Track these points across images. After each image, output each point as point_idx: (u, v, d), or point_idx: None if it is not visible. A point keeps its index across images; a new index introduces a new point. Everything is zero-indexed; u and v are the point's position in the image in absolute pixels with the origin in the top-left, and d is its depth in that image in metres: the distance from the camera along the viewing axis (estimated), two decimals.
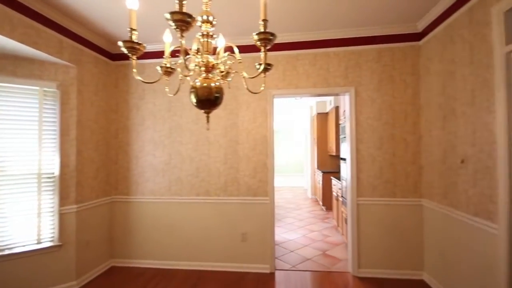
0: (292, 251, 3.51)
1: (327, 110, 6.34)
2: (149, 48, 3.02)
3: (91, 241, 2.81)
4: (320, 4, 2.30)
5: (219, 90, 1.13)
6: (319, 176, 6.14)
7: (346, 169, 3.09)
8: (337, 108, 5.30)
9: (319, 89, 2.87)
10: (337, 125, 5.09)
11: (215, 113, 2.98)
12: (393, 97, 2.78)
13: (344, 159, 3.45)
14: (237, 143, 2.98)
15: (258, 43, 0.93)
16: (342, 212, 3.79)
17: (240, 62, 1.26)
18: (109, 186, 3.12)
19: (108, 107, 3.12)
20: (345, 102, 2.94)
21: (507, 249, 1.69)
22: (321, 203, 6.02)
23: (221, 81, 1.30)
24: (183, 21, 0.78)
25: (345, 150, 3.15)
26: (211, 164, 3.01)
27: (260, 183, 2.94)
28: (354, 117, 2.83)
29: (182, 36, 0.83)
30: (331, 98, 5.59)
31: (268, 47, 0.98)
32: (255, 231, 2.94)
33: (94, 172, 2.88)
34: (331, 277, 2.80)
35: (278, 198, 7.57)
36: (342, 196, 3.78)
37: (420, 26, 2.64)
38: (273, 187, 2.95)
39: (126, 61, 3.13)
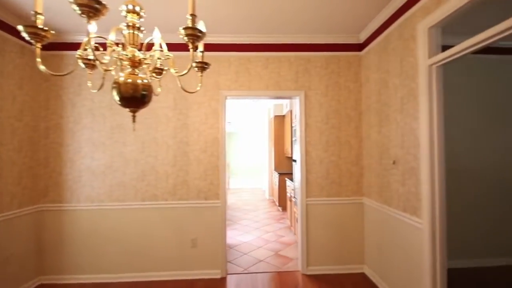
0: (245, 254, 3.49)
1: (283, 113, 6.51)
2: (79, 38, 2.75)
3: (13, 257, 2.42)
4: (273, 9, 2.33)
5: (147, 87, 1.04)
6: (275, 177, 6.27)
7: (296, 170, 3.18)
8: (292, 111, 5.47)
9: (271, 92, 2.91)
10: (292, 127, 5.25)
11: (164, 113, 2.83)
12: (339, 102, 2.95)
13: (295, 161, 3.55)
14: (187, 144, 2.86)
15: (186, 38, 0.87)
16: (294, 212, 3.90)
17: (167, 58, 1.17)
18: (36, 193, 2.72)
19: (35, 103, 2.73)
20: (296, 106, 3.03)
21: (430, 241, 1.89)
22: (277, 203, 6.14)
23: (154, 78, 1.21)
24: (89, 6, 0.69)
25: (296, 152, 3.24)
26: (159, 166, 2.83)
27: (212, 186, 2.86)
28: (303, 120, 2.92)
29: (89, 23, 0.73)
30: (287, 101, 5.75)
31: (196, 44, 0.92)
32: (206, 235, 2.85)
33: (16, 177, 2.49)
34: (281, 277, 2.84)
35: (237, 199, 7.53)
36: (294, 197, 3.89)
37: (362, 38, 2.85)
38: (225, 189, 2.89)
39: (61, 52, 2.79)
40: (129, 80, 0.99)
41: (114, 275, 2.76)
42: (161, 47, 1.15)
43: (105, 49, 1.09)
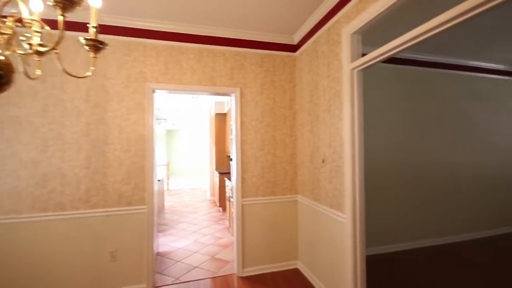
0: (178, 261, 3.23)
1: (225, 111, 6.37)
2: None
3: None
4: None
5: (4, 66, 0.76)
6: (216, 177, 6.08)
7: (233, 169, 3.08)
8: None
9: (205, 87, 2.74)
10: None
11: (74, 105, 2.38)
12: (274, 101, 2.96)
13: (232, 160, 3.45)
14: (106, 143, 2.46)
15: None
16: (232, 212, 3.80)
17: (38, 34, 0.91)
18: None
19: None
20: (232, 103, 2.92)
21: (351, 234, 2.01)
22: (218, 204, 5.97)
23: (20, 56, 0.92)
24: None
25: (232, 151, 3.14)
26: (66, 169, 2.36)
27: (136, 189, 2.53)
28: (239, 118, 2.84)
29: None
30: (229, 98, 5.63)
31: (69, 11, 0.70)
32: (129, 246, 2.51)
33: None
34: (216, 283, 2.71)
35: (176, 202, 7.07)
36: (232, 197, 3.79)
37: (296, 39, 2.91)
38: (152, 193, 2.60)
39: None
40: None
41: None
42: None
43: None
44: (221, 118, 6.39)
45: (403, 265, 2.96)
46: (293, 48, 2.99)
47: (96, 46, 0.94)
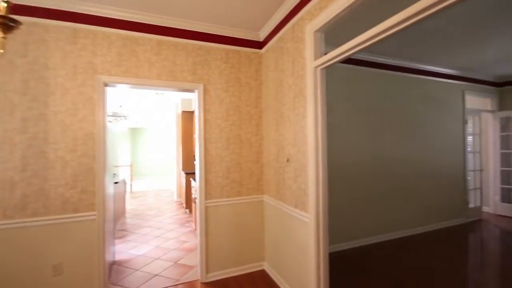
0: (137, 270, 2.99)
1: (192, 109, 6.13)
2: None
3: None
4: None
5: None
6: (183, 177, 5.83)
7: (196, 169, 2.93)
8: None
9: (165, 82, 2.55)
10: None
11: (7, 98, 2.05)
12: (240, 99, 2.86)
13: None
14: (46, 142, 2.17)
15: None
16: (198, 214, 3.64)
17: None
18: None
19: None
20: (195, 100, 2.77)
21: (315, 234, 1.99)
22: (185, 206, 5.73)
23: None
24: None
25: (196, 150, 2.99)
26: None
27: (84, 194, 2.27)
28: (202, 116, 2.70)
29: None
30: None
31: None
32: (77, 258, 2.24)
33: None
34: None
35: (139, 204, 6.65)
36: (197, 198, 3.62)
37: (261, 36, 2.84)
38: (104, 197, 2.35)
39: None
40: None
41: None
42: None
43: None
44: (188, 116, 6.13)
45: (365, 260, 3.06)
46: (259, 45, 2.92)
47: (6, 24, 0.77)
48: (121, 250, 3.57)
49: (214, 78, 2.75)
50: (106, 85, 2.37)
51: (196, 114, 2.73)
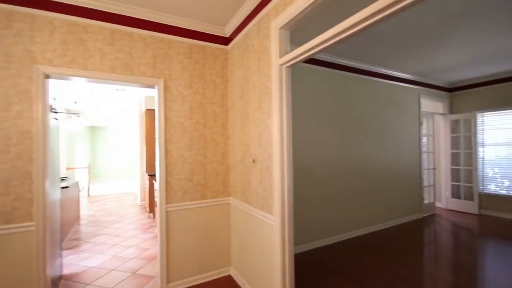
0: (88, 284, 2.69)
1: None
2: None
3: None
4: None
5: None
6: (146, 179, 5.48)
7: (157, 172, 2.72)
8: None
9: (120, 76, 2.31)
10: None
11: None
12: (205, 96, 2.72)
13: None
14: None
15: None
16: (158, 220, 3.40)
17: None
18: None
19: None
20: (154, 97, 2.56)
21: (280, 237, 1.93)
22: (148, 210, 5.38)
23: None
24: None
25: (156, 151, 2.78)
26: None
27: (18, 202, 1.96)
28: (163, 114, 2.50)
29: None
30: None
31: None
32: (11, 275, 1.92)
33: None
34: None
35: (97, 210, 6.12)
36: None
37: (227, 32, 2.73)
38: (44, 204, 2.05)
39: None
40: None
41: None
42: None
43: None
44: (152, 115, 5.78)
45: (329, 259, 3.09)
46: (225, 41, 2.80)
47: None
48: (71, 262, 3.21)
49: (176, 74, 2.57)
50: (47, 76, 2.08)
51: (156, 112, 2.53)
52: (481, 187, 4.96)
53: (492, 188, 4.86)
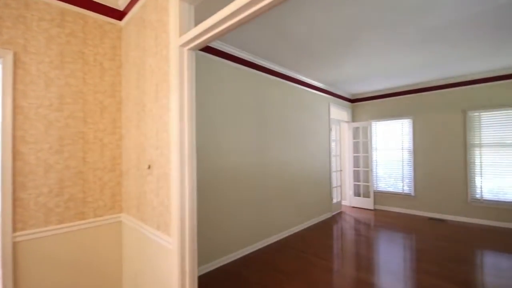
0: None
1: None
2: None
3: None
4: None
5: None
6: None
7: None
8: None
9: None
10: None
11: None
12: (86, 82, 2.05)
13: None
14: None
15: None
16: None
17: None
18: None
19: None
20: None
21: (178, 263, 1.50)
22: None
23: None
24: None
25: None
26: None
27: None
28: (10, 102, 1.72)
29: None
30: None
31: None
32: None
33: None
34: None
35: None
36: None
37: (120, 2, 2.16)
38: None
39: None
40: None
41: None
42: None
43: None
44: None
45: (244, 272, 2.83)
46: (119, 14, 2.21)
47: None
48: None
49: (37, 46, 1.83)
50: None
51: (0, 97, 1.73)
52: (375, 186, 5.75)
53: (382, 186, 5.69)
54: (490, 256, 3.15)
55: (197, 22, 1.57)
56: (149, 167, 1.81)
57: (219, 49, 3.03)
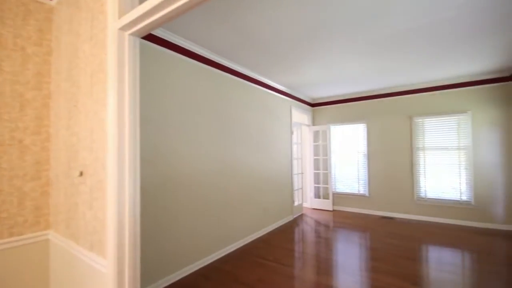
0: None
1: None
2: None
3: None
4: None
5: None
6: None
7: None
8: None
9: None
10: None
11: None
12: (1, 70, 1.66)
13: None
14: None
15: None
16: None
17: None
18: None
19: None
20: None
21: None
22: None
23: None
24: None
25: None
26: None
27: None
28: None
29: None
30: None
31: None
32: None
33: None
34: None
35: None
36: None
37: None
38: None
39: None
40: None
41: None
42: None
43: None
44: None
45: (204, 285, 2.61)
46: None
47: None
48: None
49: None
50: None
51: None
52: (334, 188, 5.94)
53: (340, 187, 5.91)
54: (434, 251, 3.41)
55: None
56: (81, 174, 1.51)
57: (180, 45, 2.79)
